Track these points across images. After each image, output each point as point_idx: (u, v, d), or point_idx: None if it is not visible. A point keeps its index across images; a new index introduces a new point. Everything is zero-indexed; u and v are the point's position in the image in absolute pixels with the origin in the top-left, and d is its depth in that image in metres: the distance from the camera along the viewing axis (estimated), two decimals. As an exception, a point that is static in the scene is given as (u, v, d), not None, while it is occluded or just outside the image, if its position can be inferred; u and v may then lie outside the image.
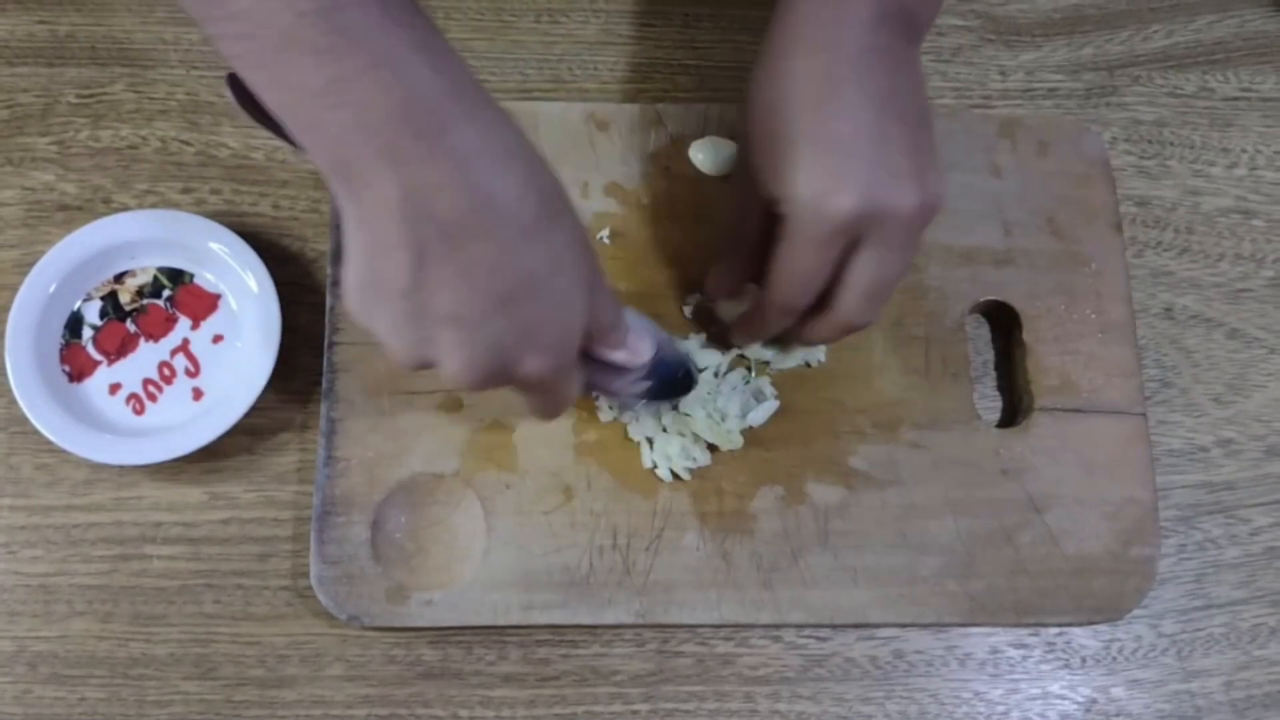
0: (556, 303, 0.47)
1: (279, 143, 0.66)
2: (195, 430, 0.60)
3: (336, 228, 0.63)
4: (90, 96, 0.67)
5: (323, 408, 0.61)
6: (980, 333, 0.66)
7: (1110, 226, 0.65)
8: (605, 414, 0.61)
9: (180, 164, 0.66)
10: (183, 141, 0.67)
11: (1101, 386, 0.63)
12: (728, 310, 0.62)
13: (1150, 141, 0.70)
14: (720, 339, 0.62)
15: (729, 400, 0.61)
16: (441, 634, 0.60)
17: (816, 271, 0.52)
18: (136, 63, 0.68)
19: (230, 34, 0.42)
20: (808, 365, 0.62)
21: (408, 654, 0.60)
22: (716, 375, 0.61)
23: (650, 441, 0.61)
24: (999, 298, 0.64)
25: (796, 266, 0.52)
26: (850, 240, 0.51)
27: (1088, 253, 0.65)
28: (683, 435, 0.60)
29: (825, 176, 0.49)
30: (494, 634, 0.60)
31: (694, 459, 0.60)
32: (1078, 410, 0.62)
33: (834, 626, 0.61)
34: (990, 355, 0.65)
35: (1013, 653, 0.61)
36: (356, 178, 0.43)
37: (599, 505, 0.60)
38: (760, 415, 0.61)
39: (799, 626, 0.60)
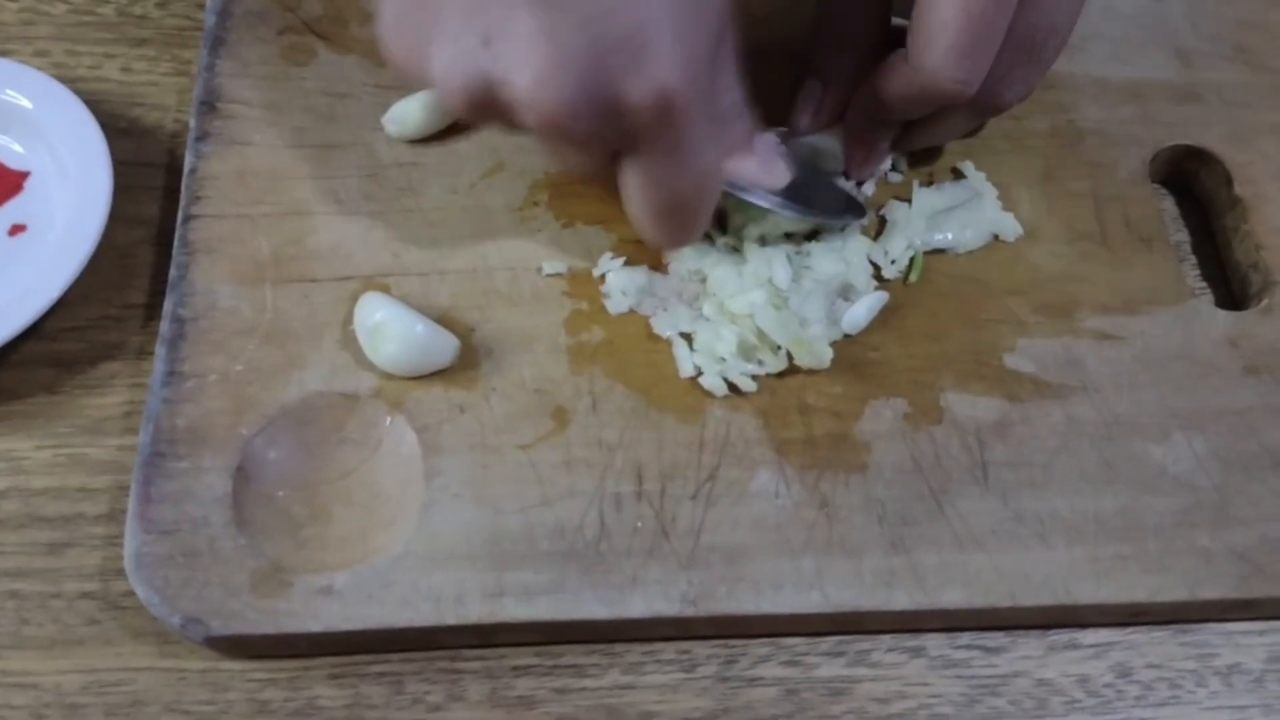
0: None
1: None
2: (-41, 348, 0.37)
3: (204, 103, 0.43)
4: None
5: (167, 304, 0.38)
6: (1163, 208, 0.45)
7: (1322, 52, 0.46)
8: (617, 302, 0.39)
9: (-7, 23, 0.46)
10: (0, -3, 0.47)
11: (1364, 248, 0.41)
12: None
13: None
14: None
15: (807, 301, 0.39)
16: (349, 661, 0.35)
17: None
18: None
19: None
20: (996, 238, 0.42)
21: (291, 698, 0.35)
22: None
23: (688, 339, 0.38)
24: (1189, 141, 0.44)
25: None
26: None
27: (1300, 83, 0.45)
28: (736, 325, 0.38)
29: None
30: (439, 656, 0.35)
31: (759, 361, 0.38)
32: (1340, 279, 0.41)
33: (1010, 629, 0.36)
34: (1184, 236, 0.44)
35: (1308, 660, 0.37)
36: None
37: (611, 434, 0.37)
38: (862, 315, 0.39)
39: (951, 626, 0.36)
